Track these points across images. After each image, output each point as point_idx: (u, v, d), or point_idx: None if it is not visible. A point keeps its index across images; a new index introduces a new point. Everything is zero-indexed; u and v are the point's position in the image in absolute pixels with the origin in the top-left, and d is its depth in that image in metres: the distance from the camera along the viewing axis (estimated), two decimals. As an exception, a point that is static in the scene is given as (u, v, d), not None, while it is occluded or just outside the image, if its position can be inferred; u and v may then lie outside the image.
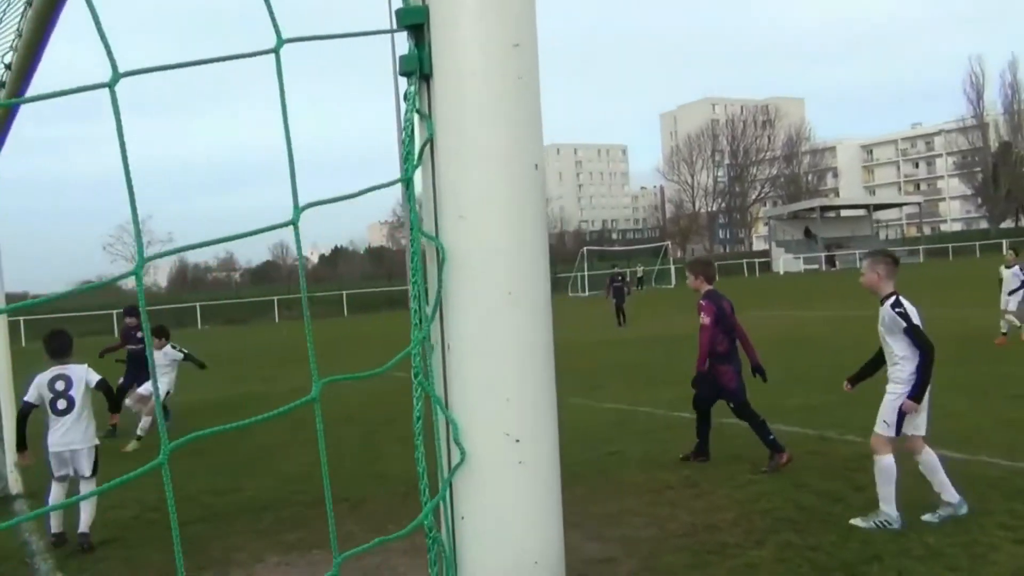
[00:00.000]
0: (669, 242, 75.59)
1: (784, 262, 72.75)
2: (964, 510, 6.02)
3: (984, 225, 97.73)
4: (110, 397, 8.17)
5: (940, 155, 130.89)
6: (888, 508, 5.98)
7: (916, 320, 5.99)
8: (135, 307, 11.80)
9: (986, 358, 13.76)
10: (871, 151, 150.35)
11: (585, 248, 64.03)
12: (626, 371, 15.54)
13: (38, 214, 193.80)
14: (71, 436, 6.88)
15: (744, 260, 76.08)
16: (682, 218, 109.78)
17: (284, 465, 9.56)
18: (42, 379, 7.00)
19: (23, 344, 43.02)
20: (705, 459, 8.31)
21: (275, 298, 53.47)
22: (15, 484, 8.92)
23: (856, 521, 6.06)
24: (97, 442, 7.16)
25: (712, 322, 8.03)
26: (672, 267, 64.20)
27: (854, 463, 7.72)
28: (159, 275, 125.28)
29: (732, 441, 9.02)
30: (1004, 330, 15.14)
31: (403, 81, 1.44)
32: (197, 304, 50.16)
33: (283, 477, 8.95)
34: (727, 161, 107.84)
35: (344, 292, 54.87)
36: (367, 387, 15.90)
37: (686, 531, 6.18)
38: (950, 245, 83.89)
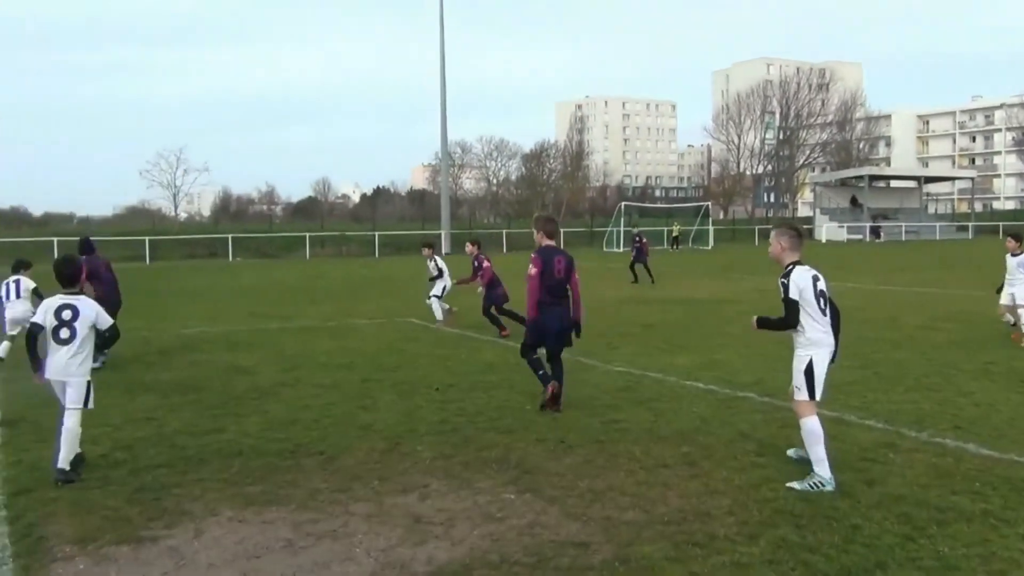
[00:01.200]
0: (710, 203, 74.01)
1: (827, 230, 71.00)
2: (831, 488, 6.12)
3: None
4: (106, 342, 8.19)
5: (999, 130, 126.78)
6: (821, 470, 6.20)
7: (794, 293, 6.32)
8: None
9: (1028, 345, 12.92)
10: (927, 122, 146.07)
11: (623, 203, 62.93)
12: (643, 333, 14.92)
13: (81, 140, 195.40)
14: (70, 367, 6.85)
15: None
16: (726, 179, 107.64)
17: (274, 407, 9.15)
18: (51, 303, 6.95)
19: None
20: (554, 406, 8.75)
21: (307, 234, 53.28)
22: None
23: (792, 484, 6.18)
24: (90, 378, 7.02)
25: (537, 273, 8.71)
26: (711, 228, 62.95)
27: (871, 453, 7.11)
28: (203, 204, 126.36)
29: (742, 417, 8.42)
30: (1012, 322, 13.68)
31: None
32: (229, 236, 50.12)
33: (268, 421, 8.53)
34: (777, 123, 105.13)
35: (376, 233, 54.51)
36: (375, 333, 15.49)
37: (673, 517, 5.63)
38: (1000, 224, 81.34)
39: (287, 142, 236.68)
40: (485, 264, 15.28)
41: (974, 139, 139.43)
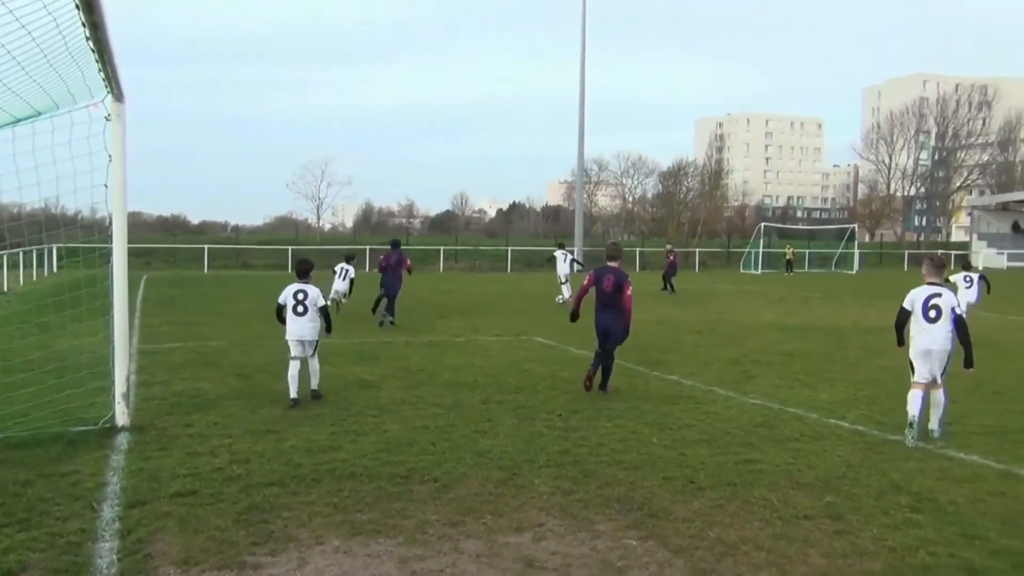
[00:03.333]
0: (856, 224, 70.61)
1: (985, 257, 66.49)
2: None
3: None
4: (326, 319, 10.47)
5: None
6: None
7: (906, 303, 8.85)
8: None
9: None
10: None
11: (763, 224, 60.88)
12: (783, 362, 14.04)
13: (235, 152, 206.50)
14: (304, 330, 10.16)
15: (939, 251, 70.22)
16: (874, 200, 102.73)
17: (392, 426, 8.95)
18: (289, 290, 10.20)
19: (204, 271, 45.55)
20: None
21: (441, 248, 53.93)
22: (121, 416, 8.75)
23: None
24: (319, 336, 10.34)
25: (587, 285, 11.29)
26: (856, 251, 60.07)
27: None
28: (346, 216, 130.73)
29: (894, 465, 7.62)
30: None
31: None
32: (367, 247, 51.26)
33: (384, 441, 8.33)
34: (932, 143, 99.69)
35: (509, 248, 54.61)
36: (501, 351, 15.21)
37: (815, 582, 5.01)
38: None
39: (428, 157, 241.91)
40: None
41: None
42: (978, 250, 68.81)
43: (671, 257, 32.89)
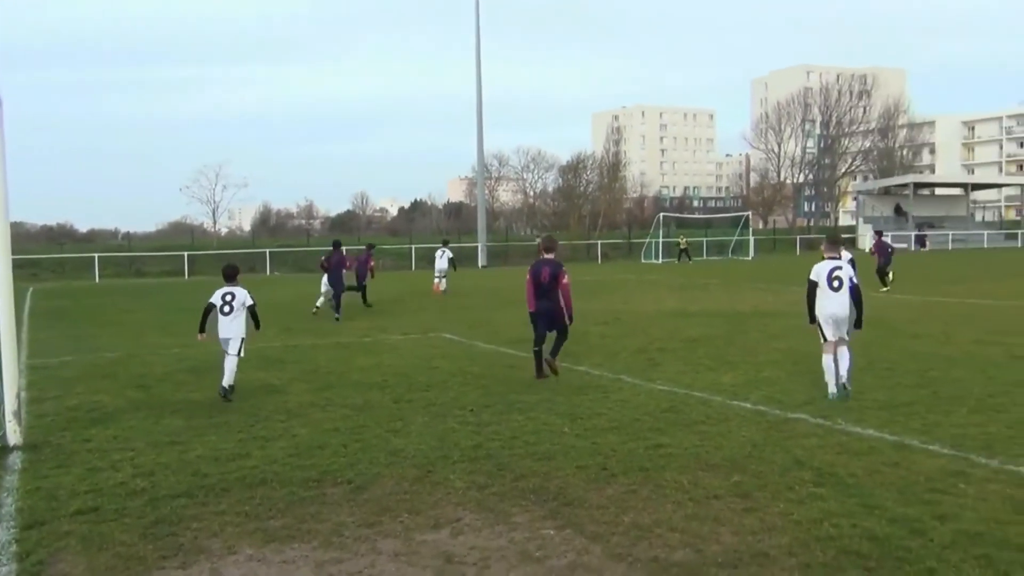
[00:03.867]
0: (750, 212, 72.81)
1: (871, 239, 69.43)
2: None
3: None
4: (254, 317, 11.06)
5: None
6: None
7: (812, 276, 10.26)
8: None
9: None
10: (972, 128, 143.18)
11: (662, 214, 62.17)
12: (686, 348, 14.38)
13: (123, 157, 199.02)
14: (229, 329, 10.76)
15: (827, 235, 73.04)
16: (766, 188, 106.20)
17: (302, 431, 8.79)
18: (218, 292, 10.83)
19: (96, 280, 43.83)
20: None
21: (344, 248, 53.13)
22: (13, 435, 8.34)
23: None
24: (244, 335, 10.88)
25: (528, 279, 11.87)
26: (751, 238, 61.92)
27: (939, 483, 6.55)
28: (244, 219, 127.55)
29: (796, 442, 7.89)
30: None
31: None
32: (267, 250, 50.26)
33: (295, 445, 8.17)
34: (818, 131, 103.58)
35: (413, 246, 54.30)
36: (410, 349, 15.12)
37: (728, 559, 5.15)
38: (1051, 231, 79.25)
39: (326, 157, 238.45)
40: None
41: (1022, 144, 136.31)
42: (864, 233, 71.77)
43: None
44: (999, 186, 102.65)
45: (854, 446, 7.73)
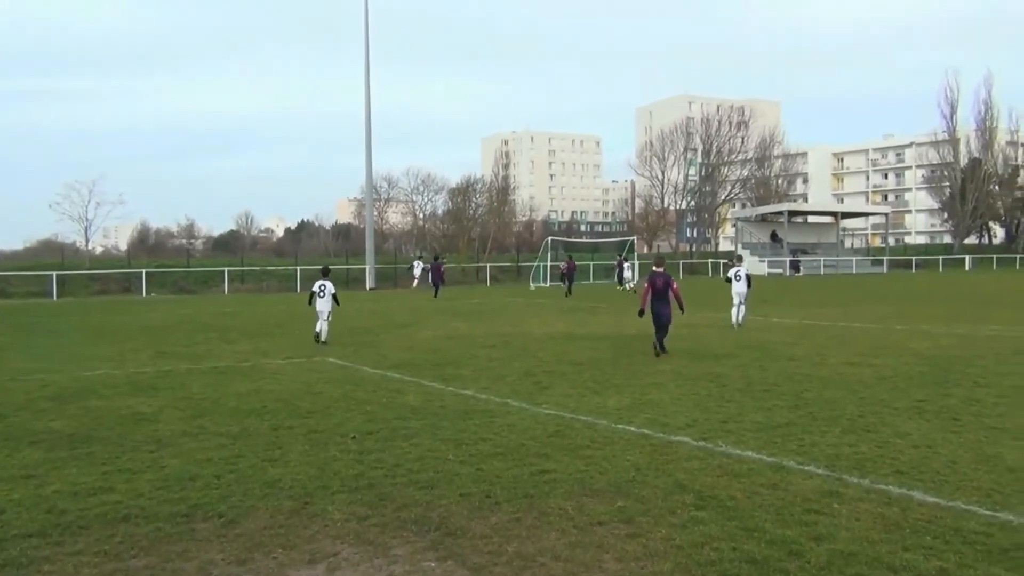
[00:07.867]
0: (635, 237, 74.43)
1: (748, 265, 71.98)
2: None
3: (948, 240, 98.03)
4: (335, 299, 19.07)
5: (910, 167, 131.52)
6: None
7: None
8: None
9: (956, 380, 12.85)
10: (842, 159, 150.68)
11: (550, 238, 62.85)
12: (573, 371, 14.44)
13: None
14: (323, 306, 18.98)
15: (709, 260, 75.39)
16: (650, 214, 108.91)
17: (172, 461, 8.33)
18: (317, 283, 19.19)
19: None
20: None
21: (226, 269, 51.59)
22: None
23: None
24: (331, 308, 19.17)
25: (646, 286, 16.69)
26: (636, 262, 63.24)
27: (815, 503, 6.69)
28: (120, 238, 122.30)
29: (678, 465, 7.95)
30: None
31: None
32: (143, 271, 48.22)
33: (163, 477, 7.73)
34: (699, 159, 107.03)
35: (299, 267, 53.12)
36: (291, 374, 14.67)
37: (611, 587, 5.09)
38: (913, 257, 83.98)
39: (209, 175, 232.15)
40: None
41: (886, 176, 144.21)
42: (743, 258, 74.42)
43: (437, 267, 42.14)
44: (866, 215, 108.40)
45: (734, 468, 7.84)
